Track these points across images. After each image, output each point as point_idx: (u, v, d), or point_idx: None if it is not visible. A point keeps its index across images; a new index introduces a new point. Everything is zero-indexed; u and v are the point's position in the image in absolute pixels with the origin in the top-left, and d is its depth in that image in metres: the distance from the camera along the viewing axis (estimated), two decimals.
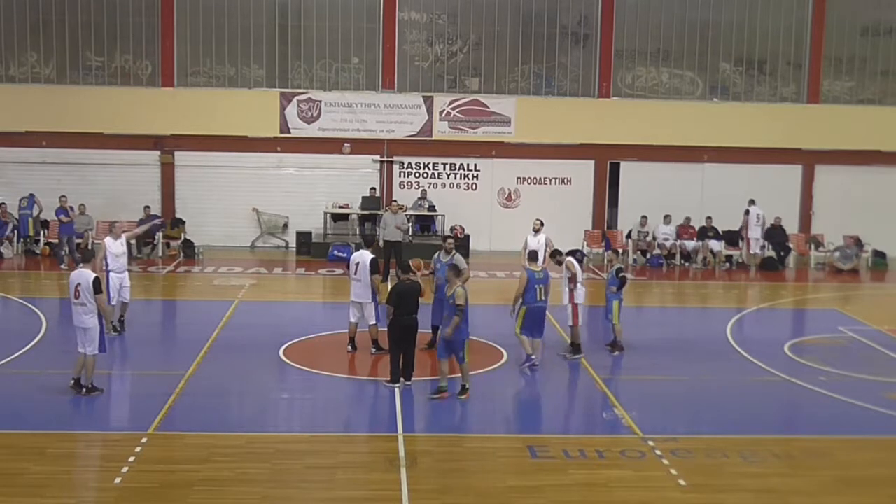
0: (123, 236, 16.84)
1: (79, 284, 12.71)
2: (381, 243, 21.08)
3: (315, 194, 27.23)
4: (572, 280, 15.73)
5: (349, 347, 15.55)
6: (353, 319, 15.51)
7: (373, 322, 15.31)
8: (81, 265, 13.10)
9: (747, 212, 25.90)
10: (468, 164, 27.71)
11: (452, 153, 27.51)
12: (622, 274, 16.13)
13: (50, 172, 26.57)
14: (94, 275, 12.75)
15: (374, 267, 15.10)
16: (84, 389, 12.89)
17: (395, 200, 24.32)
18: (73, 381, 13.01)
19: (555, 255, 16.04)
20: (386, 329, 13.96)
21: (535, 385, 15.16)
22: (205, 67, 27.31)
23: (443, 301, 15.42)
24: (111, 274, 16.24)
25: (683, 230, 26.39)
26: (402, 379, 13.62)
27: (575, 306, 15.64)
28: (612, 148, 27.60)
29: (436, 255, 16.09)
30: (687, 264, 26.00)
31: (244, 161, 27.01)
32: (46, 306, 18.15)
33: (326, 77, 27.51)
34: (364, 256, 15.34)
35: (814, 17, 27.87)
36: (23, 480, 10.18)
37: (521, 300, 14.84)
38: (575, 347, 15.69)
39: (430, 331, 15.49)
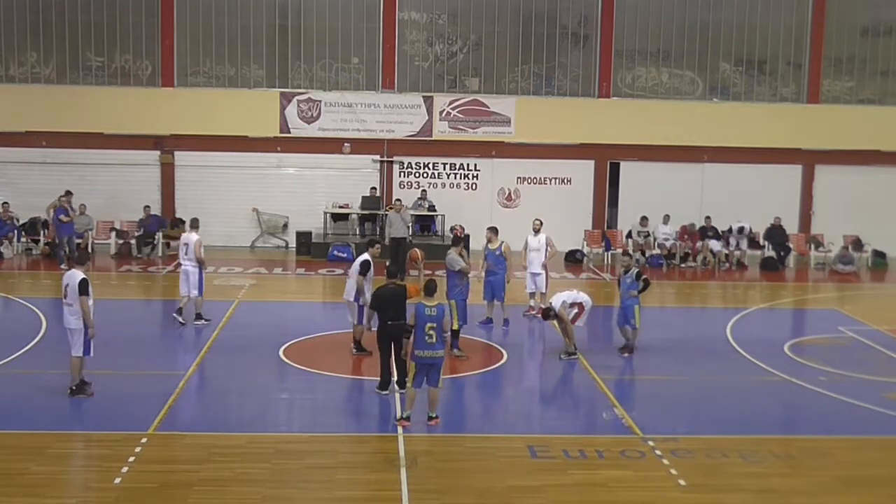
0: None
1: (67, 285, 12.75)
2: (386, 241, 22.99)
3: (315, 194, 27.24)
4: (580, 310, 15.72)
5: (353, 349, 15.53)
6: (353, 320, 15.50)
7: (355, 322, 15.32)
8: (75, 266, 13.06)
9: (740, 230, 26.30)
10: (468, 164, 27.72)
11: (452, 153, 27.52)
12: (644, 276, 16.05)
13: (50, 172, 26.58)
14: (82, 276, 12.72)
15: (363, 268, 15.01)
16: (69, 390, 12.85)
17: (399, 200, 24.48)
18: (70, 390, 12.96)
19: (547, 315, 15.96)
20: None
21: (535, 385, 15.20)
22: (205, 67, 27.32)
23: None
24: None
25: (684, 231, 26.39)
26: (396, 385, 13.43)
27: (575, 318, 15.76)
28: (612, 148, 27.61)
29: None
30: (684, 265, 26.00)
31: (244, 161, 27.01)
32: (46, 306, 18.14)
33: (326, 77, 27.52)
34: (360, 257, 15.34)
35: (814, 17, 27.88)
36: (23, 480, 10.18)
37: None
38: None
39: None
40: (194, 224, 17.92)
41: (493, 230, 17.96)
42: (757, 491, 10.44)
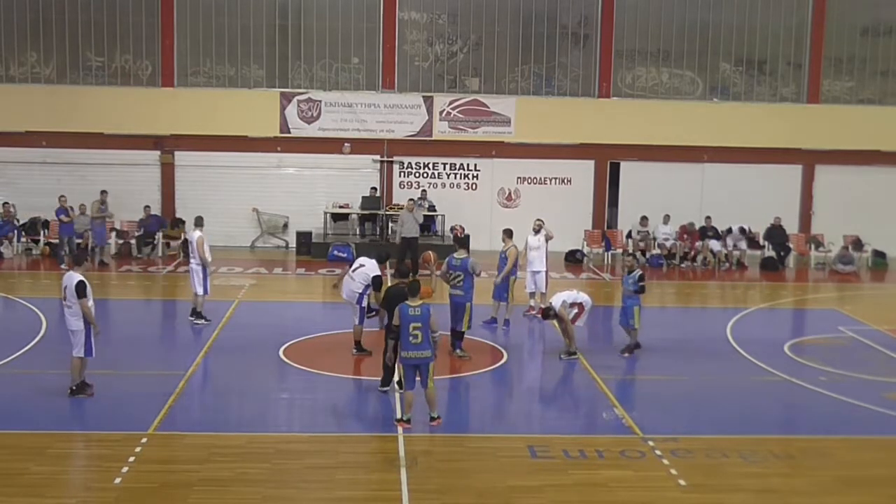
0: None
1: (66, 287, 12.75)
2: (397, 240, 23.58)
3: (315, 194, 27.24)
4: (580, 310, 15.76)
5: (353, 349, 15.54)
6: (356, 321, 15.50)
7: (357, 323, 15.36)
8: (73, 267, 13.03)
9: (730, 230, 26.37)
10: (468, 164, 27.72)
11: (452, 153, 27.52)
12: (642, 283, 16.01)
13: (50, 172, 26.59)
14: (80, 278, 12.68)
15: (376, 284, 15.07)
16: (69, 391, 12.84)
17: (412, 199, 24.54)
18: (70, 390, 12.95)
19: (547, 314, 15.97)
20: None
21: (535, 385, 15.20)
22: (205, 67, 27.32)
23: (454, 306, 15.57)
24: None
25: (684, 231, 26.40)
26: (387, 387, 13.42)
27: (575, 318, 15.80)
28: (612, 148, 27.61)
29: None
30: (685, 265, 26.02)
31: (244, 161, 27.01)
32: (46, 306, 18.13)
33: (326, 77, 27.52)
34: (371, 267, 15.24)
35: (814, 17, 27.88)
36: (23, 480, 10.18)
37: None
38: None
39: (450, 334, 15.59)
40: (198, 222, 17.96)
41: (507, 232, 18.22)
42: (757, 491, 10.44)
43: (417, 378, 12.01)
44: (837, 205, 27.74)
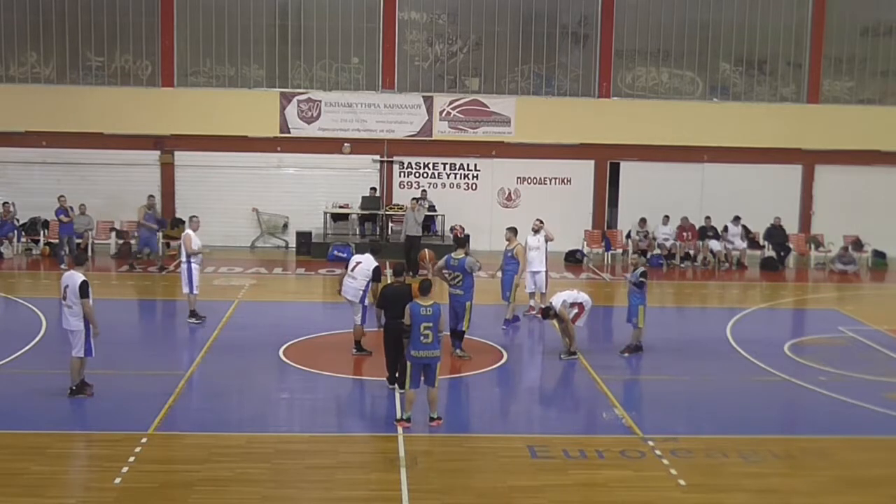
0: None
1: (67, 286, 12.72)
2: (402, 238, 24.00)
3: (315, 194, 27.23)
4: (581, 310, 15.76)
5: (353, 349, 15.53)
6: (357, 320, 15.49)
7: (358, 323, 15.37)
8: (74, 267, 13.02)
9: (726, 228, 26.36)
10: (468, 164, 27.72)
11: (452, 153, 27.52)
12: (641, 279, 15.97)
13: (50, 172, 26.60)
14: (82, 278, 12.66)
15: (376, 275, 15.12)
16: (69, 391, 12.84)
17: (415, 198, 24.63)
18: (70, 391, 12.94)
19: (547, 314, 15.96)
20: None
21: (535, 385, 15.20)
22: (205, 67, 27.32)
23: (454, 306, 15.57)
24: (193, 265, 17.35)
25: (682, 230, 26.40)
26: (395, 384, 13.44)
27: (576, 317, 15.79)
28: (612, 148, 27.61)
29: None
30: (685, 265, 26.03)
31: (244, 161, 27.01)
32: (46, 306, 18.12)
33: (326, 77, 27.52)
34: (368, 261, 15.32)
35: (814, 17, 27.88)
36: (23, 480, 10.18)
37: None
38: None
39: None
40: (189, 222, 17.93)
41: (512, 230, 18.24)
42: (757, 491, 10.44)
43: (422, 377, 12.01)
44: (837, 205, 27.75)
